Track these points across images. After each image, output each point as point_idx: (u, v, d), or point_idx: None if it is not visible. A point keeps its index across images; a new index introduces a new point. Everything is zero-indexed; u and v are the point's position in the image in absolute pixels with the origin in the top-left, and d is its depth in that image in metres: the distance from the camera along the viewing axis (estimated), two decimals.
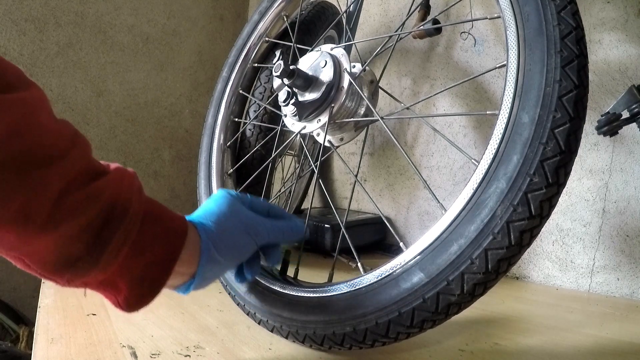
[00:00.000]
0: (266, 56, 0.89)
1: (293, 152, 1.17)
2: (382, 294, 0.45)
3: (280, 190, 1.14)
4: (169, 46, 1.58)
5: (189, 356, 0.47)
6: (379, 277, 0.46)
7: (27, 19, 1.30)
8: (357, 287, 0.48)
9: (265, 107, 0.85)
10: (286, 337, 0.51)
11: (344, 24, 0.80)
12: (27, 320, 1.27)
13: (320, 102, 0.59)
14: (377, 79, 0.63)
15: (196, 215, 0.43)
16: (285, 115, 0.64)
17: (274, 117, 0.86)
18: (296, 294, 0.51)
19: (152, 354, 0.46)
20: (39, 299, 0.64)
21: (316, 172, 0.63)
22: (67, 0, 1.36)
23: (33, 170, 0.29)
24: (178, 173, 1.61)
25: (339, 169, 1.41)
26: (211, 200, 0.45)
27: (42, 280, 0.73)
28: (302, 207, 1.31)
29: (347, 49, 0.66)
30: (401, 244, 0.48)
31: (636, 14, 0.82)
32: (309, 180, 1.30)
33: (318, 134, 0.64)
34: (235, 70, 0.87)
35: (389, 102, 1.20)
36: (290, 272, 0.58)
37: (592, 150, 0.87)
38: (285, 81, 0.59)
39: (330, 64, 0.60)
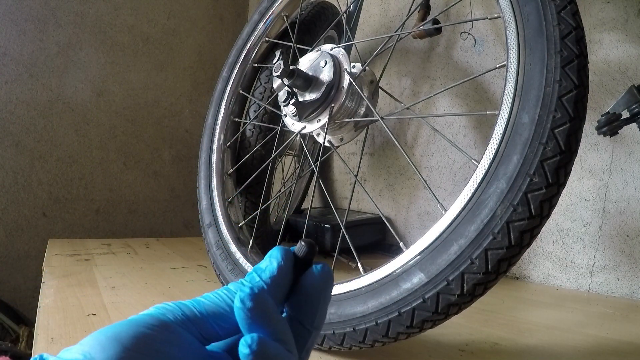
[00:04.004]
0: (266, 56, 0.89)
1: (293, 152, 1.17)
2: (382, 294, 0.45)
3: (280, 190, 1.14)
4: (169, 46, 1.58)
5: None
6: (379, 277, 0.46)
7: (27, 19, 1.30)
8: (358, 287, 0.48)
9: (265, 107, 0.85)
10: None
11: (344, 24, 0.80)
12: (27, 320, 1.26)
13: (320, 102, 0.59)
14: (377, 79, 0.63)
15: None
16: (285, 115, 0.64)
17: (274, 117, 0.85)
18: None
19: None
20: (39, 299, 0.64)
21: (316, 172, 0.63)
22: (67, 0, 1.36)
23: None
24: (178, 173, 1.61)
25: (339, 169, 1.41)
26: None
27: (42, 280, 0.73)
28: (302, 207, 1.31)
29: (347, 49, 0.66)
30: (401, 244, 0.48)
31: (636, 14, 0.82)
32: (309, 180, 1.30)
33: (318, 134, 0.64)
34: (235, 70, 0.87)
35: (389, 102, 1.20)
36: None
37: (592, 150, 0.87)
38: (285, 81, 0.59)
39: (330, 64, 0.60)
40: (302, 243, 0.30)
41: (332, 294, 0.50)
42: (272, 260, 0.28)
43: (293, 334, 0.29)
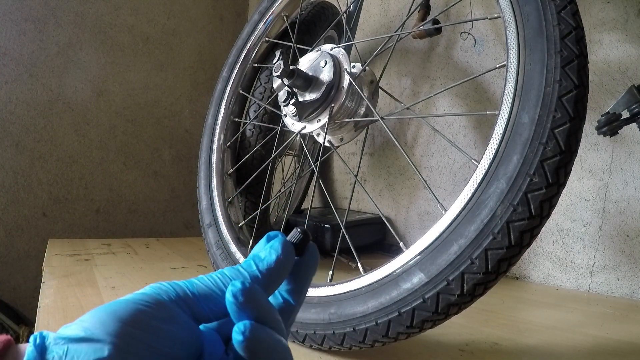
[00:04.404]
0: (266, 56, 0.89)
1: (293, 152, 1.17)
2: (382, 294, 0.45)
3: (280, 190, 1.14)
4: (169, 46, 1.58)
5: None
6: (379, 277, 0.46)
7: (27, 19, 1.30)
8: (358, 287, 0.48)
9: (265, 107, 0.85)
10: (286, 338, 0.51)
11: (344, 24, 0.80)
12: (27, 320, 1.26)
13: (320, 102, 0.59)
14: (377, 79, 0.63)
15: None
16: (285, 115, 0.64)
17: (274, 117, 0.85)
18: None
19: None
20: (39, 299, 0.64)
21: (316, 172, 0.63)
22: (67, 0, 1.36)
23: None
24: (178, 173, 1.61)
25: (339, 169, 1.41)
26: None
27: (42, 280, 0.73)
28: (302, 207, 1.31)
29: (347, 49, 0.66)
30: (401, 244, 0.48)
31: (636, 14, 0.82)
32: (309, 180, 1.30)
33: (318, 134, 0.64)
34: (235, 70, 0.87)
35: (389, 102, 1.20)
36: None
37: (592, 150, 0.87)
38: (285, 81, 0.59)
39: (330, 64, 0.60)
40: (298, 230, 0.30)
41: (332, 293, 0.50)
42: (272, 252, 0.29)
43: (279, 309, 0.30)
